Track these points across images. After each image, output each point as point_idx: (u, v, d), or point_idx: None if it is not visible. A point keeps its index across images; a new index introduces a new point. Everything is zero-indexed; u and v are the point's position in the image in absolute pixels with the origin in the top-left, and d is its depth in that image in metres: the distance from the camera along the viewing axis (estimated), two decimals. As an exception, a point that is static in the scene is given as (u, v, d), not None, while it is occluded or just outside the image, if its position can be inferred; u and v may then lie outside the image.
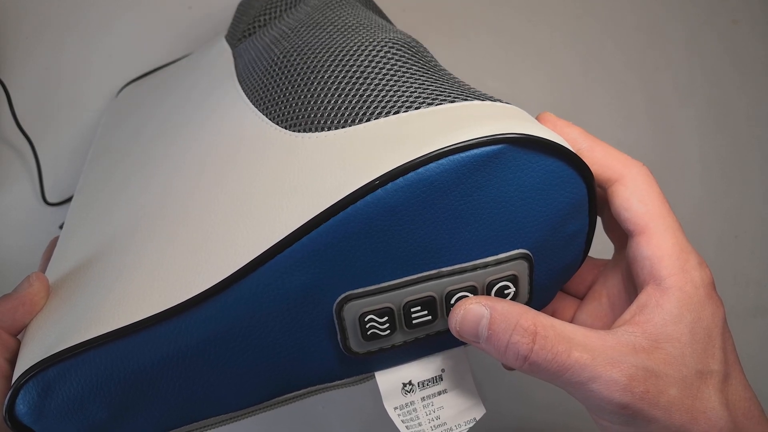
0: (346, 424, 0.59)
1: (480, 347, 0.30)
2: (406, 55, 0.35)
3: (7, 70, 0.58)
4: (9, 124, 0.57)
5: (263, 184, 0.32)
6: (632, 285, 0.32)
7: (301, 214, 0.29)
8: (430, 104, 0.31)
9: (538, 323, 0.29)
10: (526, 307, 0.30)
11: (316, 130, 0.33)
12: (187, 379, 0.30)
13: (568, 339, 0.28)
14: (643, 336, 0.29)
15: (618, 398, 0.27)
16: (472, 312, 0.30)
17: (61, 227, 0.56)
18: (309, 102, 0.34)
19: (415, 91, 0.32)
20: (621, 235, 0.34)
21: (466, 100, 0.31)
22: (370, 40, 0.37)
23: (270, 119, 0.36)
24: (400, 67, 0.34)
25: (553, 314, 0.37)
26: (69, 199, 0.58)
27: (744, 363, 0.31)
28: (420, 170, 0.28)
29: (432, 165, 0.28)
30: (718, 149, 0.64)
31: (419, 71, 0.34)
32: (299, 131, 0.34)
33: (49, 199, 0.58)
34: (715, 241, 0.62)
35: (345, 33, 0.38)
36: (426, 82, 0.33)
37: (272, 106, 0.36)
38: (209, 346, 0.30)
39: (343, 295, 0.30)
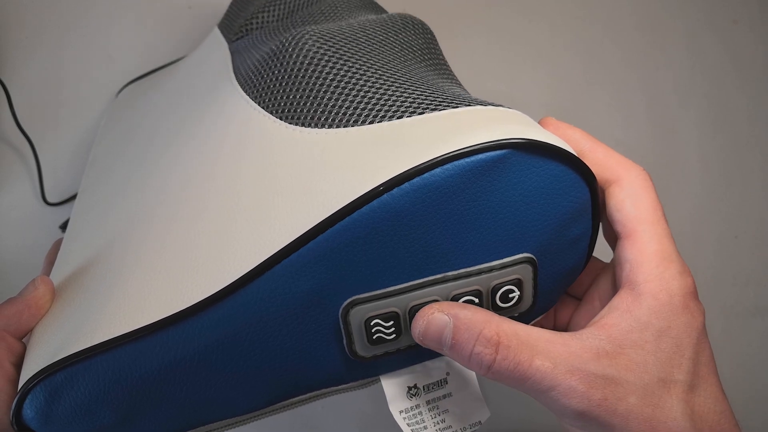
0: (346, 426, 0.59)
1: (445, 354, 0.30)
2: (411, 57, 0.35)
3: (7, 70, 0.58)
4: (9, 124, 0.57)
5: (266, 182, 0.32)
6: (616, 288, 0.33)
7: (307, 218, 0.29)
8: (433, 110, 0.31)
9: (501, 332, 0.28)
10: (490, 314, 0.29)
11: (316, 126, 0.33)
12: (193, 384, 0.30)
13: (530, 347, 0.28)
14: (608, 340, 0.29)
15: (575, 406, 0.27)
16: (436, 321, 0.29)
17: (61, 227, 0.56)
18: (309, 97, 0.34)
19: (417, 97, 0.32)
20: (616, 240, 0.34)
21: (468, 105, 0.32)
22: (377, 38, 0.37)
23: (266, 110, 0.36)
24: (403, 74, 0.34)
25: (554, 315, 0.37)
26: (69, 199, 0.58)
27: (744, 363, 0.30)
28: (425, 175, 0.28)
29: (437, 170, 0.28)
30: (718, 149, 0.64)
31: (417, 78, 0.34)
32: (298, 125, 0.34)
33: (49, 199, 0.57)
34: (715, 241, 0.62)
35: (351, 30, 0.38)
36: (426, 89, 0.33)
37: (269, 97, 0.36)
38: (216, 351, 0.30)
39: (348, 300, 0.30)
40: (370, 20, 0.40)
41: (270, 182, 0.32)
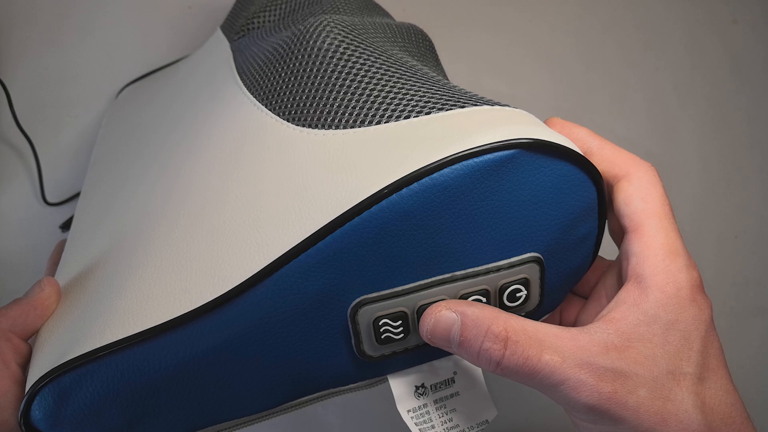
0: (347, 425, 0.59)
1: (453, 352, 0.30)
2: (413, 59, 0.35)
3: (7, 70, 0.58)
4: (9, 124, 0.57)
5: (273, 183, 0.32)
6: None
7: (316, 219, 0.29)
8: (440, 109, 0.31)
9: (509, 328, 0.29)
10: (497, 311, 0.29)
11: (323, 127, 0.33)
12: (202, 384, 0.30)
13: (539, 342, 0.28)
14: (616, 334, 0.29)
15: (585, 399, 0.27)
16: (443, 318, 0.30)
17: (60, 228, 0.56)
18: (315, 98, 0.34)
19: (424, 96, 0.32)
20: (622, 235, 0.34)
21: (475, 105, 0.32)
22: (380, 40, 0.37)
23: (271, 111, 0.35)
24: (411, 75, 0.34)
25: (560, 314, 0.37)
26: (69, 199, 0.57)
27: (744, 363, 0.30)
28: (434, 175, 0.28)
29: (446, 170, 0.28)
30: (718, 149, 0.64)
31: (423, 78, 0.34)
32: (304, 126, 0.34)
33: (49, 199, 0.57)
34: (715, 241, 0.62)
35: (362, 25, 0.38)
36: (433, 88, 0.33)
37: (275, 98, 0.36)
38: (225, 352, 0.30)
39: (357, 300, 0.30)
40: (375, 22, 0.40)
41: (277, 183, 0.32)
